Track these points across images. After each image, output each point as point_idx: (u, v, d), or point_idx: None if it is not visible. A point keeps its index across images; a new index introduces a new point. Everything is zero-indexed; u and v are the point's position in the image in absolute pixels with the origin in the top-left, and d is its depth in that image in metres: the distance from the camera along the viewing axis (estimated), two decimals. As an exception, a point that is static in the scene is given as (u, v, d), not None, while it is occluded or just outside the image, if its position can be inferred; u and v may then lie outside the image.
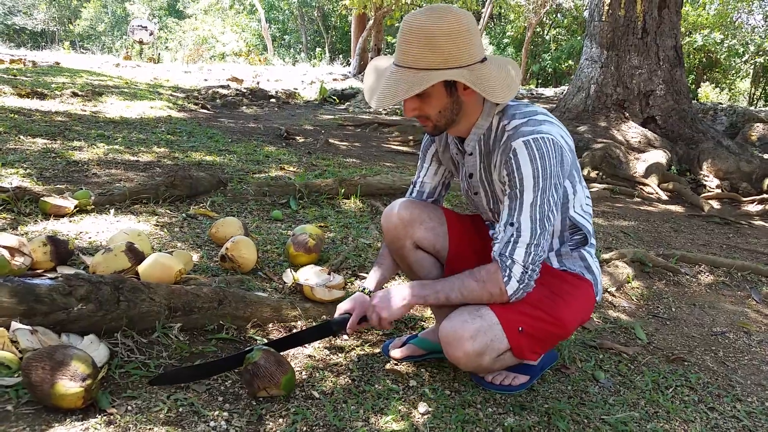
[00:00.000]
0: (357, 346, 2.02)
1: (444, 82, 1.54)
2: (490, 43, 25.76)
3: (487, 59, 1.59)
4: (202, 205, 3.26)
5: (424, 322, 2.28)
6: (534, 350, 1.73)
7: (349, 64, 17.00)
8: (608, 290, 2.88)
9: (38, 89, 6.73)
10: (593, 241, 1.82)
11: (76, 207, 2.86)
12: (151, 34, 18.38)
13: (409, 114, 1.62)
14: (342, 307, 1.89)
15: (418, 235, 1.87)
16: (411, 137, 6.86)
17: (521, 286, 1.61)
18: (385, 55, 1.64)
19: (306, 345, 1.95)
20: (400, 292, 1.70)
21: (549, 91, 14.08)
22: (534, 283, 1.63)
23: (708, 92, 18.10)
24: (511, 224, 1.58)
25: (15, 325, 1.63)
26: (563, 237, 1.77)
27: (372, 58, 14.61)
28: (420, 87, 1.49)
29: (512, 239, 1.58)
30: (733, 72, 21.97)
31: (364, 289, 1.92)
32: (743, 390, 2.10)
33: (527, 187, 1.55)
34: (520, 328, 1.66)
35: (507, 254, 1.59)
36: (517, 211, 1.57)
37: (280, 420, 1.58)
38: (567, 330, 1.75)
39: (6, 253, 1.98)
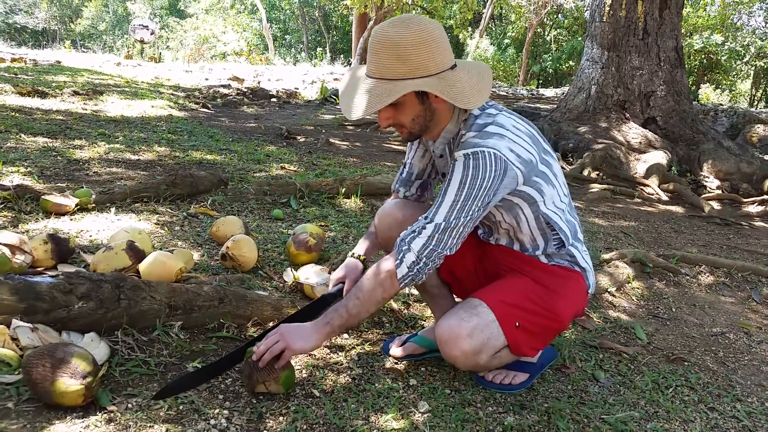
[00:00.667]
0: (357, 345, 2.02)
1: (416, 91, 1.56)
2: (491, 44, 25.75)
3: (457, 66, 1.61)
4: (202, 203, 3.27)
5: (424, 321, 2.28)
6: (532, 346, 1.74)
7: (350, 64, 17.01)
8: (608, 290, 2.88)
9: (39, 88, 6.73)
10: (580, 236, 1.83)
11: (76, 205, 2.86)
12: (153, 33, 18.39)
13: (384, 123, 1.65)
14: (336, 276, 1.92)
15: None
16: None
17: (410, 273, 1.61)
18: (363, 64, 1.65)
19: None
20: (307, 328, 1.68)
21: (549, 92, 14.07)
22: (424, 277, 1.64)
23: (708, 94, 18.09)
24: (425, 218, 1.61)
25: (16, 322, 1.63)
26: (545, 235, 1.77)
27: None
28: (390, 98, 1.52)
29: (418, 229, 1.60)
30: (734, 73, 21.97)
31: (353, 254, 1.95)
32: (743, 390, 2.10)
33: (450, 190, 1.57)
34: (517, 324, 1.68)
35: (406, 241, 1.61)
36: (435, 208, 1.59)
37: (281, 418, 1.58)
38: (563, 323, 1.76)
39: (7, 251, 1.98)
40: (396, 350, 1.96)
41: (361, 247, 2.00)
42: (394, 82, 1.53)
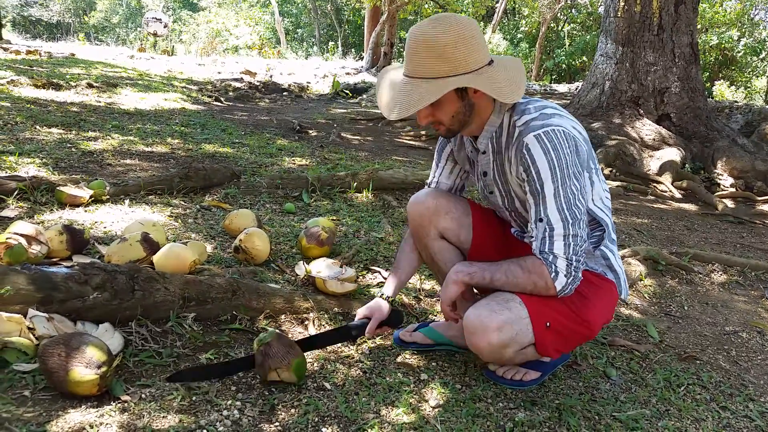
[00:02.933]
0: (368, 339, 2.03)
1: (455, 87, 1.56)
2: (504, 38, 25.61)
3: (494, 61, 1.61)
4: (215, 196, 3.28)
5: (435, 315, 2.28)
6: (557, 348, 1.73)
7: (362, 59, 16.98)
8: (620, 287, 2.87)
9: (54, 80, 6.78)
10: (614, 236, 1.81)
11: (91, 197, 2.89)
12: (166, 26, 18.46)
13: (424, 121, 1.65)
14: (361, 313, 1.92)
15: (443, 224, 1.88)
16: (423, 132, 6.85)
17: (569, 280, 1.60)
18: (396, 61, 1.66)
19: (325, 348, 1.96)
20: (450, 274, 1.72)
21: (563, 87, 13.99)
22: (581, 276, 1.63)
23: (723, 90, 17.89)
24: (540, 220, 1.58)
25: (32, 312, 1.65)
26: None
27: (384, 53, 14.46)
28: (434, 96, 1.52)
29: (546, 234, 1.58)
30: (750, 70, 21.72)
31: (382, 294, 1.94)
32: (756, 389, 2.08)
33: (546, 179, 1.55)
34: (548, 324, 1.66)
35: (547, 250, 1.58)
36: (542, 205, 1.57)
37: (292, 410, 1.59)
38: (593, 331, 1.75)
39: (23, 242, 2.01)
40: (405, 335, 1.99)
41: (389, 287, 1.98)
42: (436, 80, 1.53)
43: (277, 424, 1.53)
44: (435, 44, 1.51)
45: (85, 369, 1.44)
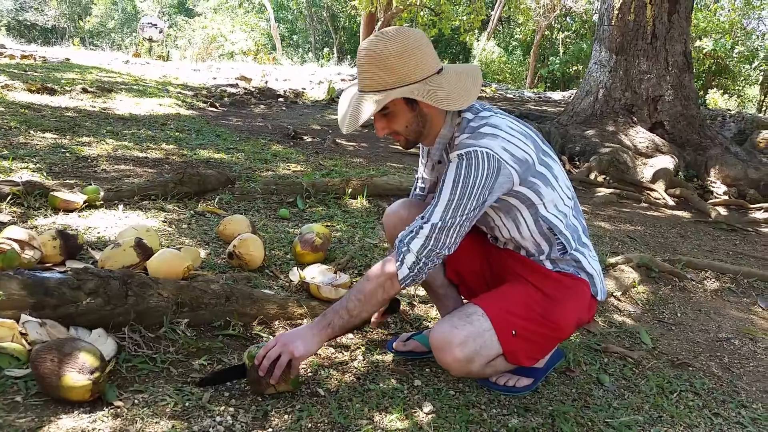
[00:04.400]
0: (362, 345, 2.03)
1: (404, 98, 1.60)
2: (498, 46, 25.72)
3: (444, 69, 1.64)
4: (210, 202, 3.28)
5: (429, 322, 2.28)
6: (529, 355, 1.74)
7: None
8: (614, 294, 2.88)
9: (48, 85, 6.77)
10: (585, 240, 1.81)
11: (85, 202, 2.88)
12: (161, 31, 18.44)
13: (380, 133, 1.70)
14: None
15: None
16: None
17: (411, 274, 1.62)
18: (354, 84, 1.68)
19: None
20: (307, 332, 1.67)
21: (557, 95, 14.05)
22: (424, 276, 1.64)
23: (716, 99, 17.98)
24: (422, 218, 1.62)
25: (25, 317, 1.65)
26: (549, 240, 1.76)
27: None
28: (377, 106, 1.56)
29: (415, 229, 1.61)
30: (742, 78, 21.85)
31: None
32: (748, 396, 2.09)
33: (445, 190, 1.59)
34: (514, 332, 1.67)
35: (405, 242, 1.62)
36: (432, 208, 1.61)
37: (286, 417, 1.59)
38: (563, 332, 1.76)
39: (16, 246, 2.00)
40: (398, 344, 1.99)
41: None
42: (383, 92, 1.57)
43: (270, 430, 1.52)
44: (380, 57, 1.56)
45: (77, 374, 1.44)
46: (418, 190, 2.01)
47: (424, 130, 1.71)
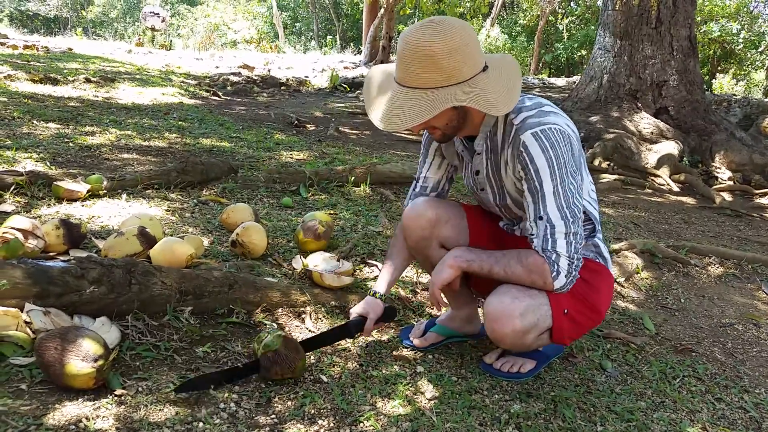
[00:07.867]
0: (367, 337, 2.03)
1: None
2: (502, 32, 25.54)
3: (488, 66, 1.57)
4: (213, 191, 3.28)
5: (432, 308, 2.29)
6: (571, 335, 1.74)
7: (360, 53, 16.93)
8: (617, 280, 2.87)
9: (51, 75, 6.77)
10: (599, 227, 1.83)
11: (88, 191, 2.89)
12: (163, 20, 18.40)
13: (418, 130, 1.65)
14: (356, 311, 1.89)
15: (444, 234, 1.88)
16: (421, 126, 6.84)
17: (569, 280, 1.62)
18: (386, 62, 1.59)
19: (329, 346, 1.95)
20: (446, 258, 1.71)
21: (561, 81, 13.96)
22: (578, 274, 1.64)
23: (722, 83, 17.86)
24: (540, 218, 1.58)
25: (29, 306, 1.66)
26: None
27: (383, 47, 14.39)
28: (429, 114, 1.50)
29: (548, 232, 1.57)
30: (749, 63, 21.68)
31: (375, 293, 1.91)
32: (751, 381, 2.09)
33: (545, 177, 1.55)
34: (566, 310, 1.67)
35: (550, 248, 1.58)
36: (542, 203, 1.57)
37: (289, 403, 1.60)
38: (600, 316, 1.78)
39: (20, 236, 2.01)
40: (418, 341, 1.98)
41: (381, 284, 1.94)
42: (430, 91, 1.51)
43: (273, 416, 1.53)
44: (428, 54, 1.47)
45: (81, 362, 1.45)
46: (418, 189, 1.97)
47: (463, 125, 1.67)
